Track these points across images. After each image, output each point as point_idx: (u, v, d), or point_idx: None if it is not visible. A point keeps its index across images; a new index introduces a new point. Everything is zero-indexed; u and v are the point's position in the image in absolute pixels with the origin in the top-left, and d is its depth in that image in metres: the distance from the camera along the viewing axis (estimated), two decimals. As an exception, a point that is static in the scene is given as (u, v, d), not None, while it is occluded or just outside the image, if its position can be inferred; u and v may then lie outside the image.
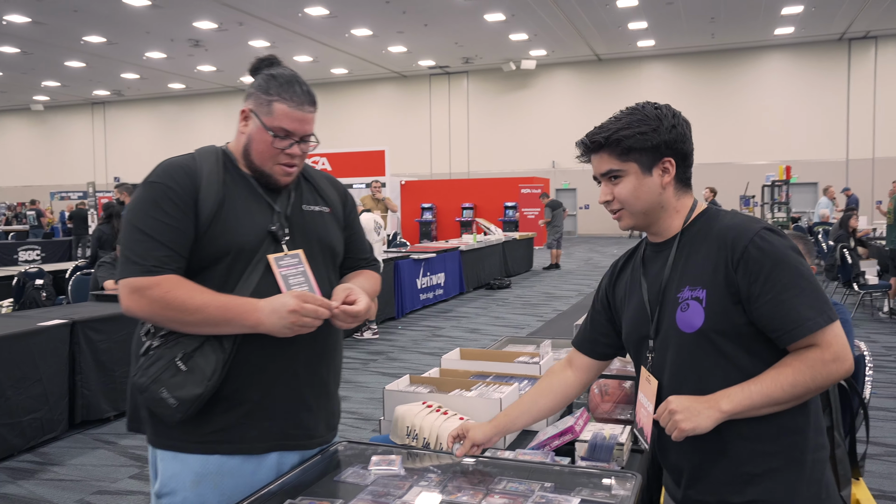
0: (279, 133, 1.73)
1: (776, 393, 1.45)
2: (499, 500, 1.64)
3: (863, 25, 22.27)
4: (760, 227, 1.52)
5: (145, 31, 20.90)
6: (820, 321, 1.43)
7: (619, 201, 1.64)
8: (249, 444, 1.72)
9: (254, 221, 1.74)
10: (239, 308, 1.63)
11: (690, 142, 1.64)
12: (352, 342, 8.13)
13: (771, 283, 1.46)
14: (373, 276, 2.03)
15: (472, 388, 2.44)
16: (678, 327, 1.56)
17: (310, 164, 1.99)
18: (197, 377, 1.62)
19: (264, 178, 1.78)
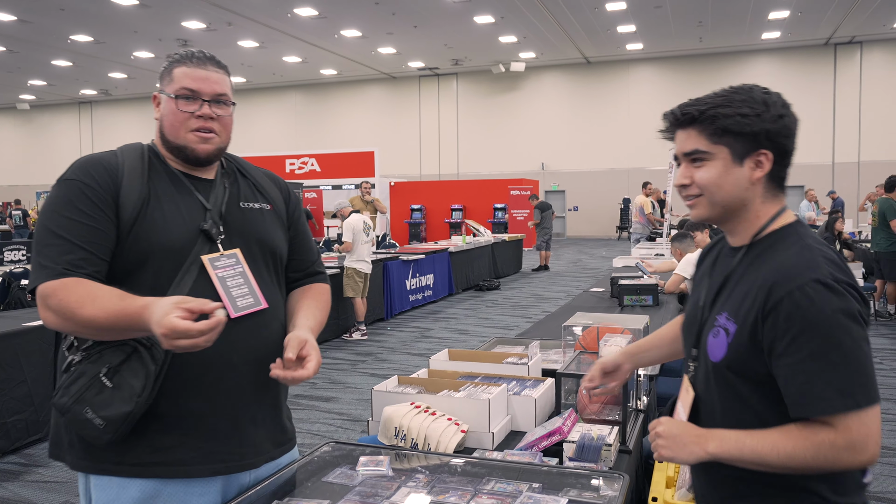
0: (183, 94, 1.61)
1: (769, 457, 1.30)
2: (487, 501, 1.64)
3: (848, 31, 22.48)
4: (813, 277, 1.29)
5: (133, 30, 20.77)
6: (838, 404, 1.25)
7: (700, 187, 1.44)
8: (191, 467, 1.57)
9: (184, 219, 1.61)
10: (131, 319, 1.41)
11: (795, 138, 1.42)
12: (340, 343, 8.11)
13: (796, 347, 1.27)
14: (323, 296, 1.87)
15: (460, 388, 2.44)
16: (707, 351, 1.45)
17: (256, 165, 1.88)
18: (125, 393, 1.46)
19: (183, 153, 1.64)
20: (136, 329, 1.42)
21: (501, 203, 21.81)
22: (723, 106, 1.39)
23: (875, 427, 1.26)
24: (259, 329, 1.65)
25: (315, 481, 1.81)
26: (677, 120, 1.47)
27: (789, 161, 1.43)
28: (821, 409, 1.26)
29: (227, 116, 1.68)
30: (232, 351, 1.58)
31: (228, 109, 1.68)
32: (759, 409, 1.37)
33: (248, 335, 1.63)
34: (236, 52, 23.50)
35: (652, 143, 26.00)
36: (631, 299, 5.29)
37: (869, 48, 24.02)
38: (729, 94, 1.41)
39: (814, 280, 1.29)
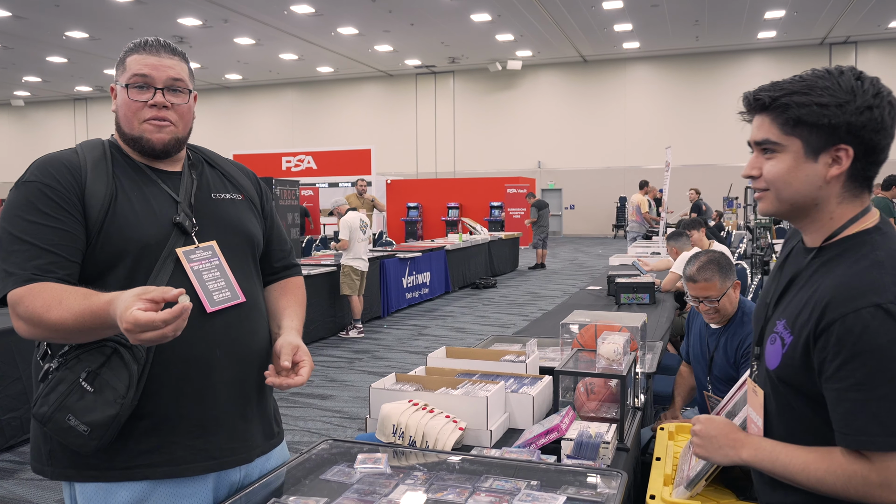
0: (135, 82, 1.55)
1: (799, 476, 1.26)
2: (485, 499, 1.64)
3: (843, 31, 22.53)
4: (873, 302, 1.18)
5: (129, 26, 20.71)
6: (881, 442, 1.17)
7: (767, 181, 1.32)
8: (182, 466, 1.54)
9: (155, 213, 1.56)
10: (97, 317, 1.34)
11: (889, 134, 1.26)
12: (337, 341, 8.10)
13: (845, 374, 1.20)
14: (300, 291, 1.87)
15: (458, 386, 2.44)
16: (765, 355, 1.39)
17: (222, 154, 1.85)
18: (108, 396, 1.40)
19: (138, 144, 1.58)
20: (105, 327, 1.35)
21: (498, 201, 21.81)
22: (800, 93, 1.26)
23: None
24: (240, 322, 1.63)
25: (313, 479, 1.81)
26: (750, 105, 1.34)
27: (877, 158, 1.28)
28: (861, 442, 1.20)
29: (183, 105, 1.60)
30: (214, 345, 1.56)
31: (185, 97, 1.60)
32: (812, 422, 1.31)
33: (229, 328, 1.60)
34: (233, 49, 23.45)
35: (648, 142, 26.07)
36: (628, 297, 5.29)
37: (864, 48, 24.09)
38: (813, 78, 1.29)
39: (874, 305, 1.18)
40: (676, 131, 25.47)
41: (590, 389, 2.32)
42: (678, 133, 25.35)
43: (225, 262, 1.62)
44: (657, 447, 2.47)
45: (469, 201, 22.14)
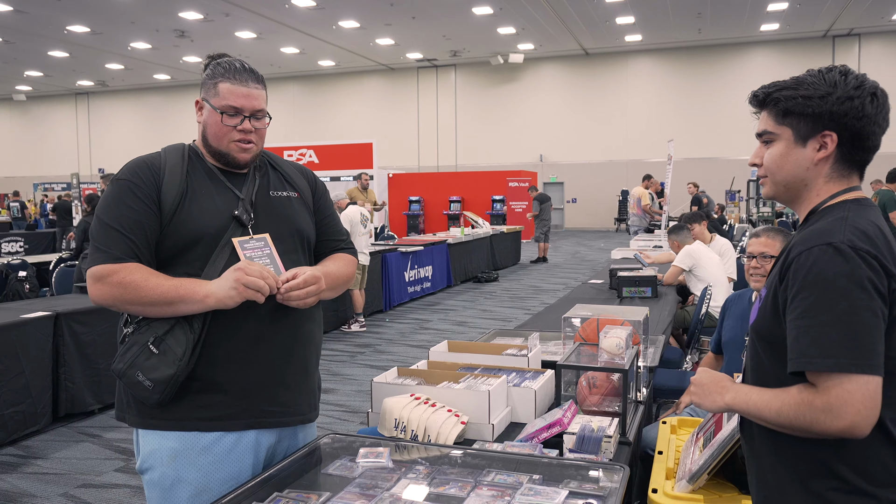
0: (227, 111, 1.81)
1: (764, 411, 1.36)
2: (487, 493, 1.64)
3: (846, 23, 22.42)
4: (825, 241, 1.32)
5: (130, 21, 20.66)
6: (819, 363, 1.27)
7: (764, 167, 1.51)
8: (226, 422, 1.78)
9: (217, 208, 1.82)
10: (190, 285, 1.71)
11: (873, 122, 1.40)
12: (339, 335, 8.11)
13: (795, 304, 1.32)
14: (343, 258, 2.06)
15: (460, 380, 2.44)
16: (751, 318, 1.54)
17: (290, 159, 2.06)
18: (169, 359, 1.70)
19: (224, 158, 1.86)
20: (190, 298, 1.69)
21: (500, 195, 21.78)
22: (789, 88, 1.44)
23: (858, 396, 1.24)
24: (286, 304, 1.79)
25: (315, 473, 1.82)
26: (752, 101, 1.53)
27: (864, 144, 1.42)
28: (801, 364, 1.29)
29: (263, 128, 1.89)
30: (262, 323, 1.79)
31: (265, 122, 1.88)
32: (780, 374, 1.38)
33: (277, 309, 1.80)
34: (234, 43, 23.40)
35: (650, 135, 25.99)
36: (630, 291, 5.29)
37: (867, 40, 23.96)
38: (804, 76, 1.45)
39: (825, 243, 1.31)
40: (678, 124, 25.40)
41: (592, 383, 2.32)
42: (680, 126, 25.28)
43: (275, 252, 1.85)
44: (659, 441, 2.48)
45: (471, 195, 22.11)
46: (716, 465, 1.91)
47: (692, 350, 5.16)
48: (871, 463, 1.33)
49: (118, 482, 4.00)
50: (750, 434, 1.51)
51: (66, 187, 27.61)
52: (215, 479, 1.77)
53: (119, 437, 4.69)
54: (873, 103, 1.39)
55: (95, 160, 33.58)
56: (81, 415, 5.07)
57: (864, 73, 1.43)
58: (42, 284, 8.37)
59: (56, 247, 15.06)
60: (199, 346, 1.74)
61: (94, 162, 33.57)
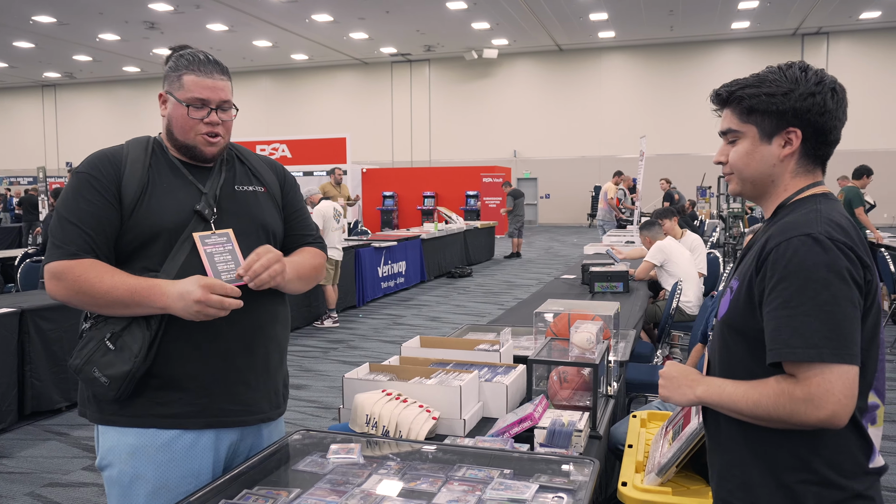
0: (193, 103, 1.79)
1: (740, 403, 1.35)
2: (458, 488, 1.64)
3: (815, 21, 22.79)
4: (804, 232, 1.32)
5: (98, 11, 20.29)
6: (800, 353, 1.27)
7: (731, 165, 1.51)
8: (184, 420, 1.76)
9: (179, 203, 1.79)
10: (146, 291, 1.67)
11: (834, 116, 1.42)
12: (311, 331, 8.07)
13: (775, 294, 1.31)
14: (310, 251, 2.02)
15: (431, 375, 2.44)
16: (717, 311, 1.54)
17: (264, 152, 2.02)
18: (125, 355, 1.68)
19: (191, 152, 1.83)
20: (147, 304, 1.66)
21: (474, 190, 21.81)
22: (751, 86, 1.44)
23: (839, 385, 1.25)
24: (250, 301, 1.77)
25: (285, 469, 1.81)
26: (715, 100, 1.53)
27: (827, 139, 1.44)
28: (783, 354, 1.29)
29: (230, 121, 1.87)
30: (222, 321, 1.72)
31: (231, 114, 1.86)
32: (753, 367, 1.39)
33: (241, 310, 1.74)
34: (205, 35, 23.10)
35: (623, 131, 26.20)
36: (602, 286, 5.33)
37: (835, 39, 24.39)
38: (765, 73, 1.46)
39: (804, 234, 1.32)
40: (651, 121, 25.62)
41: (563, 378, 2.33)
42: (653, 123, 25.51)
43: (238, 248, 1.82)
44: (629, 434, 2.50)
45: (445, 190, 22.11)
46: (684, 458, 1.93)
47: (663, 344, 5.22)
48: (842, 454, 1.35)
49: (85, 481, 3.94)
50: (716, 427, 1.50)
51: (33, 181, 27.06)
52: (174, 476, 1.75)
53: (86, 435, 4.61)
54: (833, 98, 1.41)
55: (63, 154, 32.93)
56: (48, 413, 4.98)
57: (823, 69, 1.44)
58: (7, 280, 8.21)
59: (22, 242, 14.77)
60: (157, 343, 1.72)
61: (62, 155, 32.93)
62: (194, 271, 1.72)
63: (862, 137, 24.11)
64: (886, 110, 23.96)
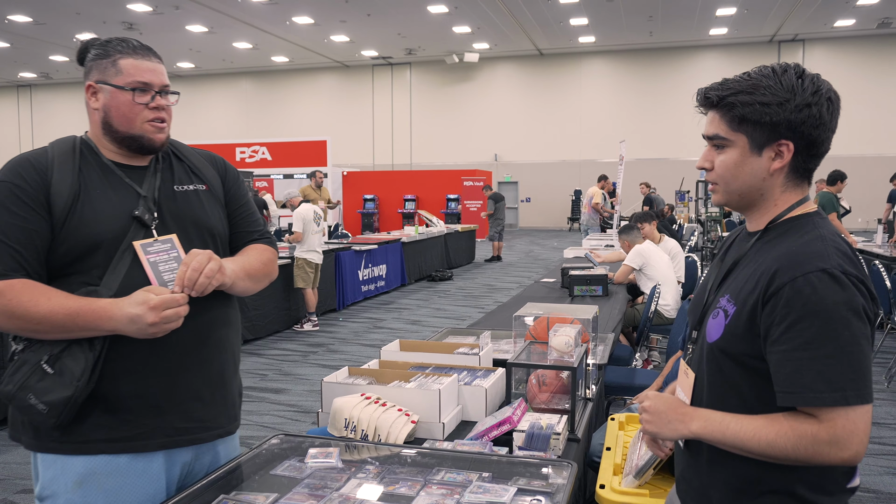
0: (138, 87, 1.66)
1: (750, 443, 1.29)
2: (437, 491, 1.64)
3: (791, 28, 23.12)
4: (820, 267, 1.25)
5: (75, 11, 20.06)
6: (826, 398, 1.22)
7: (717, 175, 1.42)
8: (135, 443, 1.63)
9: (115, 208, 1.65)
10: (90, 315, 1.53)
11: (828, 128, 1.35)
12: (291, 334, 8.02)
13: (792, 335, 1.24)
14: (255, 249, 1.88)
15: (411, 379, 2.44)
16: (705, 332, 1.43)
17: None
18: (66, 379, 1.52)
19: (137, 143, 1.69)
20: (94, 329, 1.53)
21: (455, 194, 21.84)
22: (745, 92, 1.34)
23: (862, 426, 1.23)
24: (200, 311, 1.67)
25: (263, 474, 1.79)
26: (702, 101, 1.43)
27: (818, 151, 1.37)
28: (808, 399, 1.24)
29: (172, 106, 1.74)
30: (170, 334, 1.60)
31: (173, 100, 1.74)
32: (746, 394, 1.35)
33: (188, 318, 1.63)
34: (184, 36, 22.92)
35: (603, 135, 26.38)
36: (581, 290, 5.36)
37: (811, 46, 24.77)
38: (758, 77, 1.36)
39: (820, 269, 1.25)
40: (631, 125, 25.83)
41: (542, 381, 2.34)
42: (632, 127, 25.71)
43: (183, 254, 1.68)
44: (607, 437, 2.51)
45: (425, 194, 22.12)
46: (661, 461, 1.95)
47: (641, 347, 5.25)
48: (826, 478, 1.34)
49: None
50: (698, 451, 1.45)
51: (8, 183, 26.67)
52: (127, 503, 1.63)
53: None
54: (829, 109, 1.34)
55: (38, 155, 32.45)
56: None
57: (818, 74, 1.37)
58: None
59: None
60: (101, 363, 1.57)
61: (38, 157, 32.44)
62: (138, 283, 1.59)
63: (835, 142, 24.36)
64: (860, 116, 24.36)
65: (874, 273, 6.42)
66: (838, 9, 20.60)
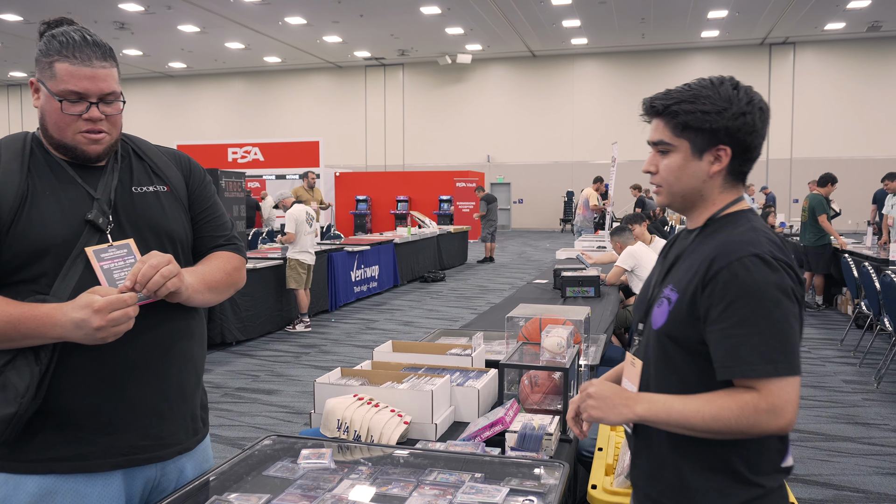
0: (67, 97, 1.51)
1: (694, 419, 1.37)
2: (429, 492, 1.65)
3: (782, 32, 23.24)
4: (752, 252, 1.37)
5: (66, 11, 19.85)
6: (761, 369, 1.33)
7: (661, 177, 1.53)
8: (89, 462, 1.52)
9: (66, 212, 1.53)
10: (33, 322, 1.41)
11: (760, 135, 1.48)
12: (283, 335, 8.01)
13: (729, 314, 1.35)
14: (220, 256, 1.75)
15: (403, 380, 2.44)
16: (651, 320, 1.54)
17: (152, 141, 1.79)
18: (9, 395, 1.41)
19: (71, 152, 1.56)
20: (38, 337, 1.42)
21: (447, 195, 21.85)
22: (687, 101, 1.45)
23: (794, 395, 1.34)
24: (158, 321, 1.59)
25: (255, 475, 1.79)
26: (648, 110, 1.53)
27: (752, 156, 1.49)
28: (744, 372, 1.34)
29: (116, 114, 1.59)
30: (125, 344, 1.51)
31: (118, 106, 1.59)
32: (687, 375, 1.44)
33: (144, 327, 1.54)
34: (176, 36, 22.85)
35: (595, 137, 26.44)
36: (573, 291, 5.37)
37: (802, 49, 24.89)
38: (698, 88, 1.47)
39: (753, 254, 1.37)
40: (623, 127, 25.88)
41: (534, 382, 2.35)
42: (624, 129, 25.76)
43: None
44: (599, 438, 2.53)
45: (418, 195, 22.12)
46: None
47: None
48: (761, 456, 1.42)
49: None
50: (647, 435, 1.52)
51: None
52: None
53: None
54: (761, 118, 1.46)
55: (29, 155, 32.29)
56: None
57: (750, 86, 1.48)
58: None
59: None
60: (48, 377, 1.46)
61: (28, 156, 32.28)
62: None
63: (826, 145, 24.68)
64: (850, 119, 24.52)
65: (863, 275, 6.47)
66: (828, 12, 20.73)
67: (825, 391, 5.69)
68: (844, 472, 4.09)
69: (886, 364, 6.01)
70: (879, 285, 5.98)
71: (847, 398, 5.49)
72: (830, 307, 9.59)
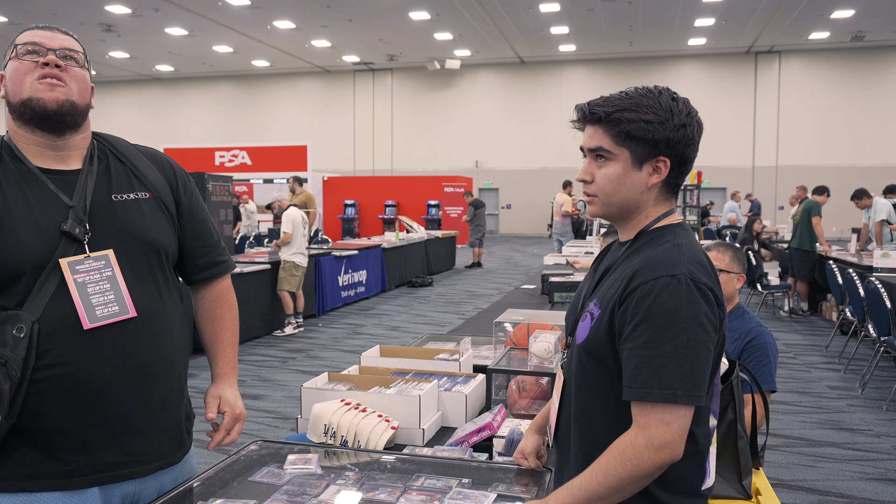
0: (27, 47, 1.48)
1: (593, 485, 1.32)
2: (416, 497, 1.64)
3: (768, 40, 23.48)
4: (670, 273, 1.33)
5: (52, 12, 19.85)
6: (657, 394, 1.28)
7: (598, 187, 1.46)
8: (64, 480, 1.46)
9: (39, 224, 1.44)
10: None
11: (696, 148, 1.45)
12: (271, 339, 7.97)
13: (637, 333, 1.32)
14: (228, 303, 1.78)
15: (391, 385, 2.43)
16: (576, 335, 1.50)
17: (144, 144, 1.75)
18: None
19: (31, 109, 1.47)
20: None
21: (435, 200, 21.86)
22: (629, 110, 1.40)
23: (678, 426, 1.29)
24: (137, 337, 1.52)
25: (241, 481, 1.78)
26: (586, 116, 1.47)
27: (687, 169, 1.46)
28: (641, 394, 1.30)
29: (78, 70, 1.52)
30: (101, 361, 1.46)
31: (82, 70, 1.53)
32: (605, 394, 1.41)
33: (122, 345, 1.49)
34: (164, 39, 22.76)
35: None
36: (561, 296, 5.38)
37: (787, 57, 25.15)
38: (638, 97, 1.42)
39: (669, 275, 1.32)
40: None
41: (522, 387, 2.35)
42: (612, 135, 25.92)
43: (120, 274, 1.50)
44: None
45: (406, 199, 22.11)
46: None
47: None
48: (678, 481, 1.39)
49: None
50: (566, 451, 1.52)
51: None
52: None
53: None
54: (698, 131, 1.44)
55: (13, 157, 32.04)
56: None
57: (687, 98, 1.45)
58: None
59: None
60: (21, 396, 1.40)
61: (12, 159, 32.03)
62: (64, 309, 1.42)
63: (811, 153, 24.92)
64: (834, 127, 24.79)
65: (848, 282, 6.52)
66: (813, 22, 20.97)
67: (810, 397, 5.73)
68: (829, 477, 4.12)
69: (871, 370, 6.06)
70: (863, 292, 6.03)
71: (832, 404, 5.53)
72: (815, 313, 9.67)
